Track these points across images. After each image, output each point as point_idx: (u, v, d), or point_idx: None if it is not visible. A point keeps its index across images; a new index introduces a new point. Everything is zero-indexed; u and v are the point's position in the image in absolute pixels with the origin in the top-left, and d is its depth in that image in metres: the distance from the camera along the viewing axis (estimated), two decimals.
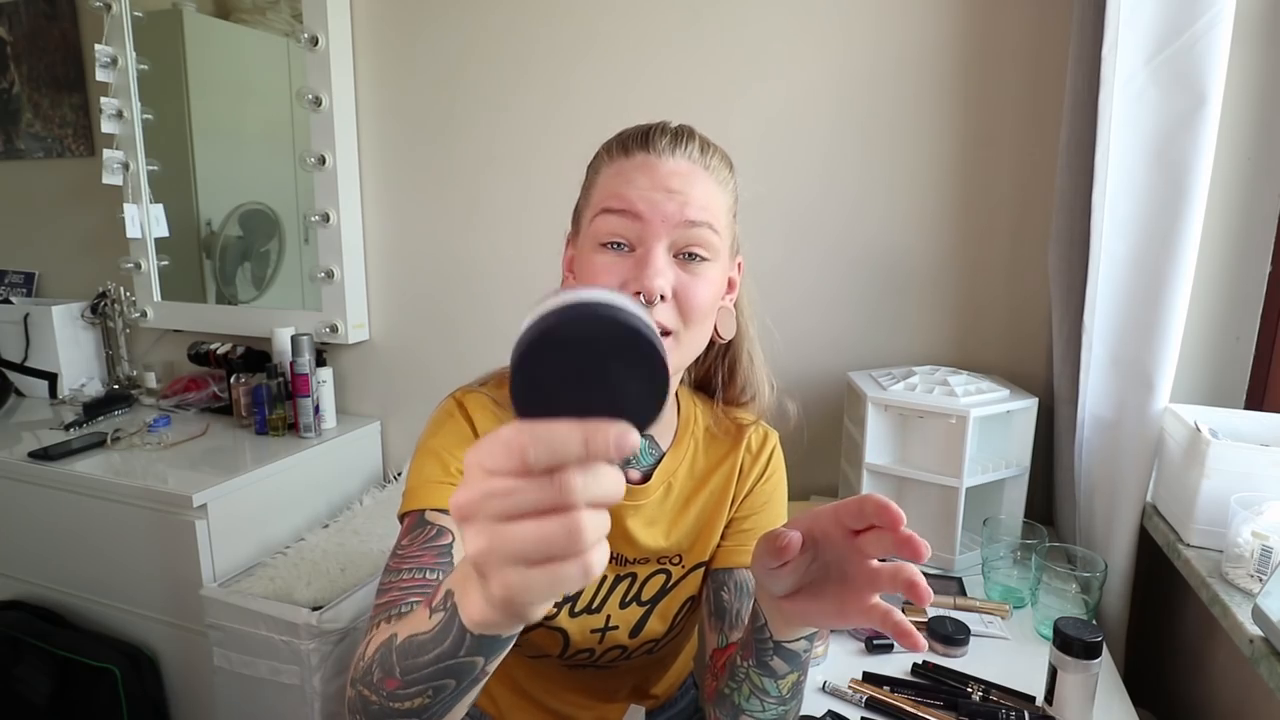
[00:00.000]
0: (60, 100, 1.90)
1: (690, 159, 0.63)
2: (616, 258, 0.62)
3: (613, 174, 0.64)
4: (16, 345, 1.85)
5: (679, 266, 0.62)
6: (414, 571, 0.57)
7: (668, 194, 0.61)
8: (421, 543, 0.60)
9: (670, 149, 0.63)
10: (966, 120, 1.21)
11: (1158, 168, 0.91)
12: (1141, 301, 0.94)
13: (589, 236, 0.64)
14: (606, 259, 0.62)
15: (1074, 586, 0.92)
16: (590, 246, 0.63)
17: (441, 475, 0.64)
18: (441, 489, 0.63)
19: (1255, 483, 0.83)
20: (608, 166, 0.65)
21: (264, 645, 1.21)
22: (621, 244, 0.62)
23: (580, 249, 0.66)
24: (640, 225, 0.61)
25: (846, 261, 1.31)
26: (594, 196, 0.65)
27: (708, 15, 1.31)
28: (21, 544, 1.49)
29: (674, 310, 0.62)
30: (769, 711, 0.61)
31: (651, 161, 0.62)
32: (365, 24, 1.55)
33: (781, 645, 0.57)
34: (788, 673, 0.59)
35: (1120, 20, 0.89)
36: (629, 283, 0.60)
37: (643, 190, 0.61)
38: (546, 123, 1.45)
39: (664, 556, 0.75)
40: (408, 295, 1.65)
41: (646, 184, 0.61)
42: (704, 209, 0.62)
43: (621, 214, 0.61)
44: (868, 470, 1.11)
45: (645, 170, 0.62)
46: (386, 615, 0.53)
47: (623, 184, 0.62)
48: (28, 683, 1.40)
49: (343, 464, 1.62)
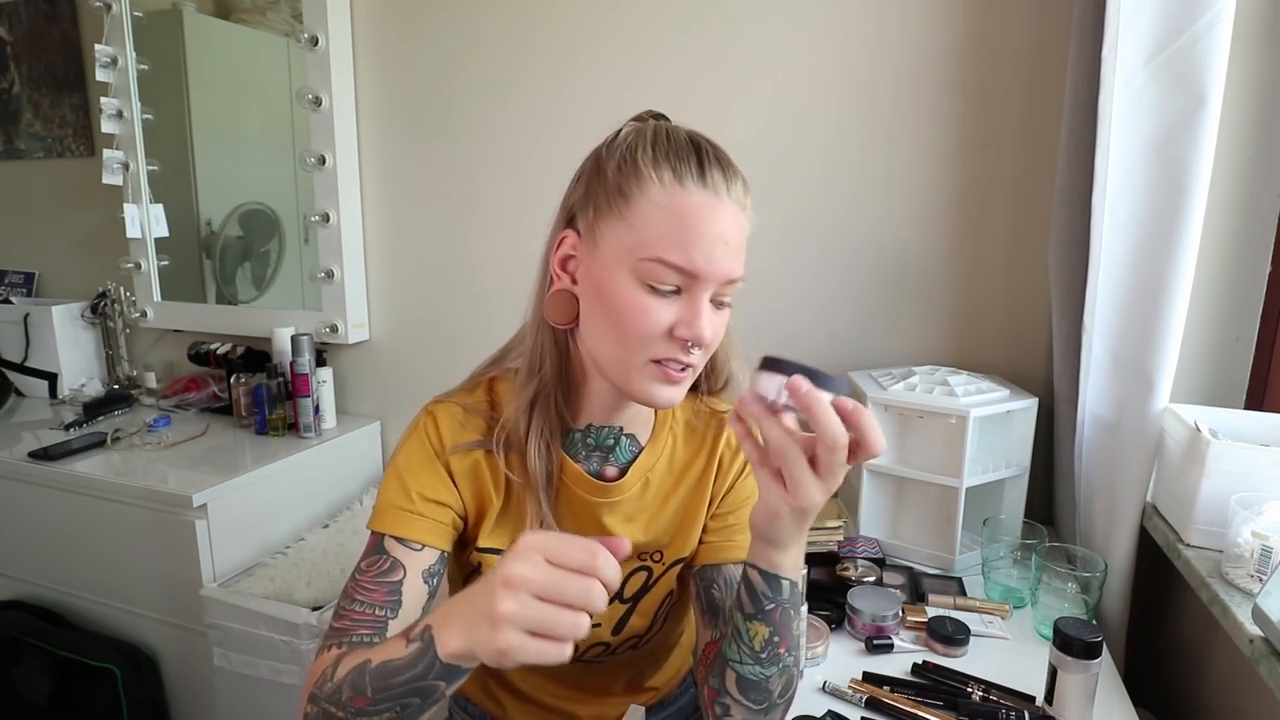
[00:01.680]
0: (60, 100, 1.91)
1: (737, 202, 0.61)
2: (664, 301, 0.61)
3: (669, 210, 0.59)
4: (16, 345, 1.85)
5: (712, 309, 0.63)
6: (365, 606, 0.63)
7: (725, 250, 0.60)
8: (375, 575, 0.64)
9: (726, 188, 0.61)
10: (966, 120, 1.21)
11: (1158, 168, 0.91)
12: (1141, 301, 0.94)
13: (630, 269, 0.60)
14: (656, 303, 0.60)
15: (1074, 586, 0.92)
16: (630, 280, 0.60)
17: (403, 501, 0.67)
18: (403, 517, 0.67)
19: (1255, 483, 0.83)
20: (657, 192, 0.60)
21: (264, 645, 1.21)
22: (668, 290, 0.61)
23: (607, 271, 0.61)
24: (694, 281, 0.60)
25: (846, 261, 1.31)
26: (638, 223, 0.60)
27: (707, 14, 1.31)
28: (21, 544, 1.49)
29: (702, 352, 0.63)
30: (746, 665, 0.61)
31: (710, 206, 0.60)
32: (365, 24, 1.56)
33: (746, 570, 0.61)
34: (753, 614, 0.60)
35: (1120, 20, 0.89)
36: (679, 327, 0.60)
37: (705, 249, 0.59)
38: (546, 122, 1.45)
39: (644, 553, 0.75)
40: (408, 295, 1.65)
41: (709, 239, 0.59)
42: (742, 260, 0.62)
43: (678, 270, 0.59)
44: (868, 470, 1.11)
45: (705, 218, 0.59)
46: (339, 641, 0.61)
47: (685, 236, 0.59)
48: (28, 683, 1.40)
49: (343, 464, 1.62)
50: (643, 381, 0.63)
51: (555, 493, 0.70)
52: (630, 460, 0.73)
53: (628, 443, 0.73)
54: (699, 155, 0.61)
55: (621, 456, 0.73)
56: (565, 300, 0.66)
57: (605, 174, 0.63)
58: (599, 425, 0.71)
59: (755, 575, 0.60)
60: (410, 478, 0.68)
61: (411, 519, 0.66)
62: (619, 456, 0.73)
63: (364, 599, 0.63)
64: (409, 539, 0.66)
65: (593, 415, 0.71)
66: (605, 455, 0.73)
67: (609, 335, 0.63)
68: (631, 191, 0.60)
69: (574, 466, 0.71)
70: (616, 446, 0.73)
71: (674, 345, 0.61)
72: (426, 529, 0.67)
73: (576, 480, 0.71)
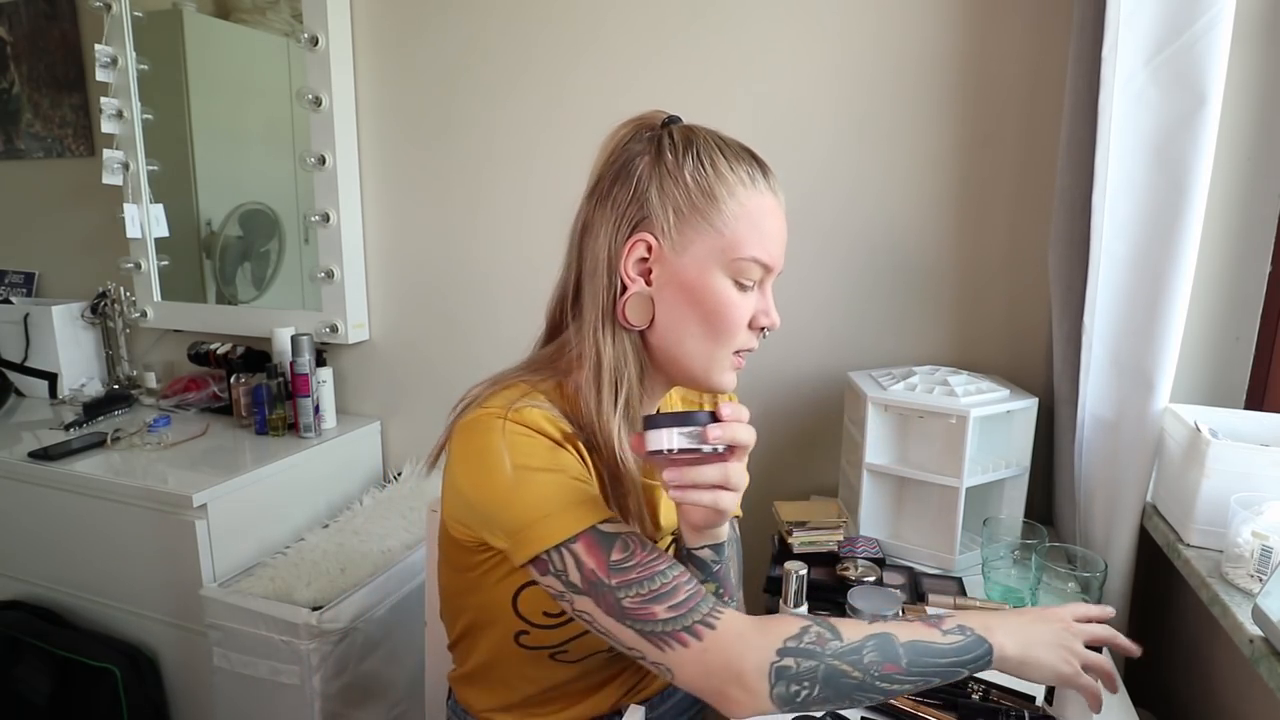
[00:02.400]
0: (60, 100, 1.90)
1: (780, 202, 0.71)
2: (746, 295, 0.68)
3: (753, 211, 0.67)
4: (16, 345, 1.85)
5: None
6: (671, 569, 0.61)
7: (784, 246, 0.70)
8: (644, 552, 0.62)
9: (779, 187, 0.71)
10: (966, 120, 1.21)
11: (1158, 168, 0.91)
12: (1141, 302, 0.94)
13: (723, 268, 0.67)
14: (743, 298, 0.68)
15: (1074, 586, 0.92)
16: (723, 279, 0.67)
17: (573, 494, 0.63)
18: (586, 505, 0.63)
19: (1255, 483, 0.83)
20: (745, 194, 0.67)
21: (264, 645, 1.21)
22: (752, 285, 0.69)
23: (697, 273, 0.66)
24: (768, 274, 0.70)
25: (846, 261, 1.31)
26: (728, 225, 0.66)
27: (708, 14, 1.31)
28: (21, 544, 1.49)
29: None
30: None
31: (777, 207, 0.69)
32: (365, 24, 1.56)
33: (691, 553, 0.70)
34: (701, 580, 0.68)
35: (1120, 20, 0.89)
36: (758, 317, 0.69)
37: (778, 244, 0.69)
38: (546, 122, 1.45)
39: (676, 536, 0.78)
40: (408, 295, 1.65)
41: (779, 235, 0.69)
42: None
43: (764, 266, 0.68)
44: (868, 470, 1.11)
45: (776, 216, 0.69)
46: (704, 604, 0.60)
47: (767, 234, 0.68)
48: (28, 683, 1.40)
49: (343, 464, 1.62)
50: (723, 372, 0.70)
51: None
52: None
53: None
54: (756, 159, 0.70)
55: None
56: (644, 303, 0.68)
57: (681, 179, 0.66)
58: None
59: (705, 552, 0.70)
60: (557, 469, 0.64)
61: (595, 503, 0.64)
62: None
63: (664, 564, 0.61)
64: (609, 518, 0.63)
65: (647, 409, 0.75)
66: None
67: (701, 332, 0.68)
68: (719, 194, 0.66)
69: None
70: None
71: (753, 335, 0.70)
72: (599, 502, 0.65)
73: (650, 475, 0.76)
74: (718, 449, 0.58)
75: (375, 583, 1.29)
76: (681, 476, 0.59)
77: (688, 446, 0.58)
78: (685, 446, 0.58)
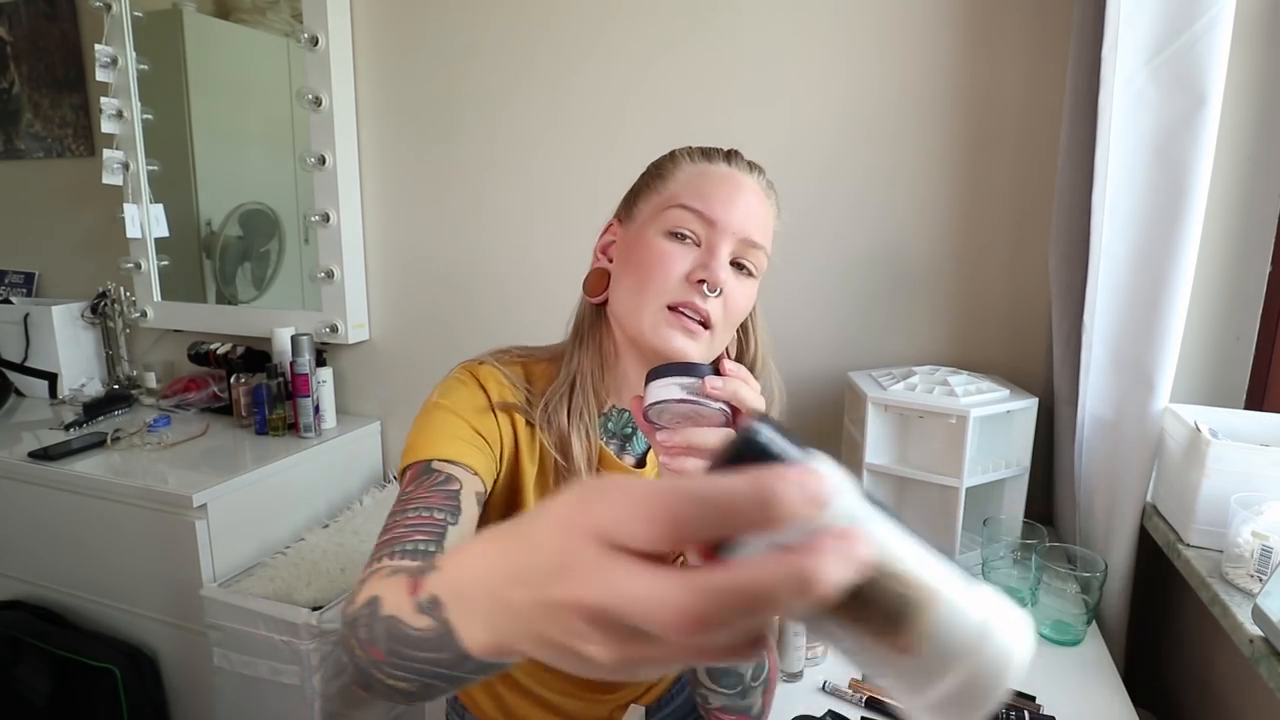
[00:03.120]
0: (60, 100, 1.90)
1: (761, 186, 0.68)
2: (683, 247, 0.65)
3: (695, 174, 0.67)
4: (16, 345, 1.85)
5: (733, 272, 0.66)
6: (420, 510, 0.57)
7: (745, 209, 0.65)
8: (429, 486, 0.60)
9: (749, 170, 0.69)
10: (967, 120, 1.21)
11: (1158, 168, 0.91)
12: (1141, 301, 0.94)
13: (656, 222, 0.66)
14: (674, 246, 0.65)
15: (1074, 586, 0.92)
16: (656, 232, 0.66)
17: (455, 429, 0.65)
18: (455, 442, 0.64)
19: (1255, 483, 0.83)
20: (688, 165, 0.68)
21: (264, 645, 1.21)
22: (688, 236, 0.65)
23: (638, 233, 0.68)
24: (711, 229, 0.65)
25: (847, 261, 1.31)
26: (669, 188, 0.68)
27: (709, 18, 1.31)
28: (21, 544, 1.49)
29: (722, 307, 0.65)
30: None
31: (734, 176, 0.67)
32: (365, 24, 1.55)
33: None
34: None
35: (1120, 20, 0.89)
36: (695, 270, 0.64)
37: (723, 199, 0.65)
38: (547, 123, 1.45)
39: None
40: (408, 295, 1.65)
41: (728, 193, 0.66)
42: (764, 231, 0.67)
43: (698, 214, 0.65)
44: (868, 470, 1.11)
45: (728, 181, 0.67)
46: (390, 551, 0.53)
47: (706, 187, 0.66)
48: (28, 683, 1.40)
49: (343, 464, 1.62)
50: (659, 329, 0.64)
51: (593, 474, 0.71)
52: (646, 450, 0.76)
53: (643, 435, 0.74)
54: (728, 149, 0.70)
55: (638, 447, 0.76)
56: (600, 275, 0.70)
57: (647, 171, 0.71)
58: (621, 408, 0.73)
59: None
60: (463, 414, 0.67)
61: (464, 445, 0.64)
62: (635, 447, 0.76)
63: (418, 504, 0.58)
64: (461, 461, 0.63)
65: (619, 397, 0.73)
66: (623, 443, 0.75)
67: (632, 286, 0.66)
68: (667, 171, 0.69)
69: (609, 454, 0.73)
70: (634, 435, 0.75)
71: (691, 289, 0.64)
72: (477, 458, 0.65)
73: (609, 465, 0.73)
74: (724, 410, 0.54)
75: None
76: (673, 438, 0.54)
77: (686, 398, 0.53)
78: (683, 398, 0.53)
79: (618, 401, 0.73)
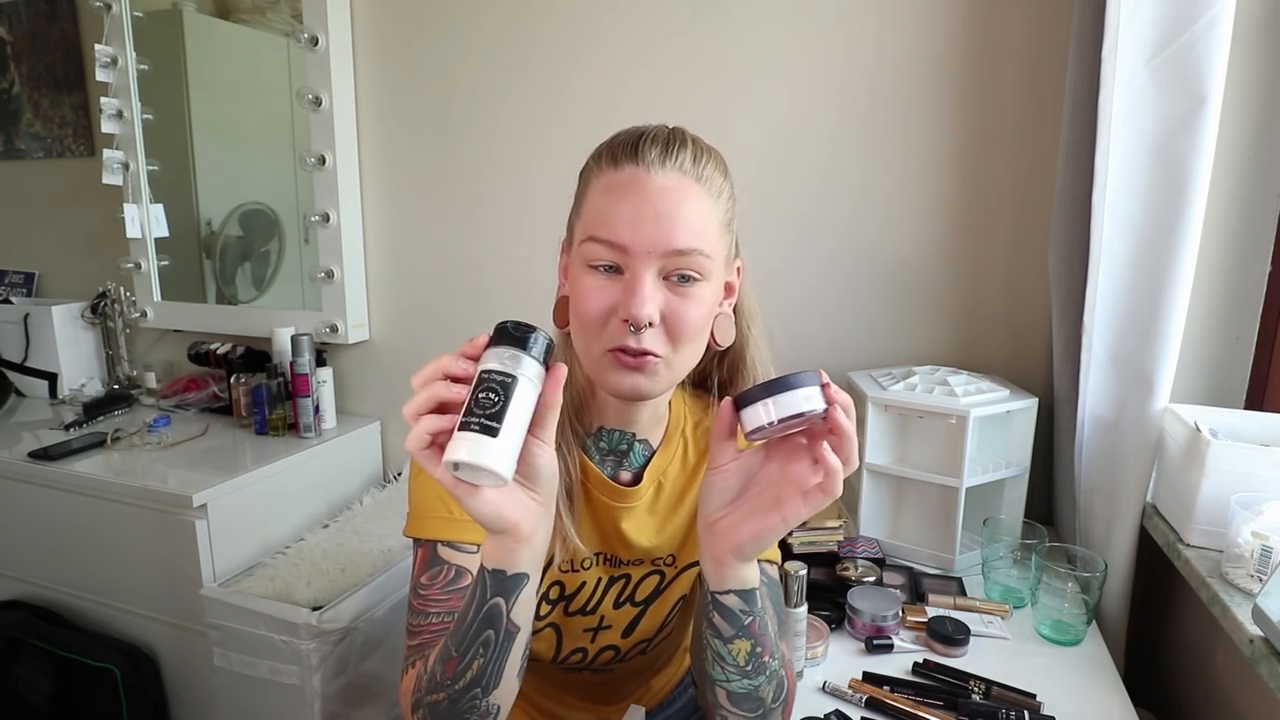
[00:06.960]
0: (60, 100, 1.90)
1: (681, 170, 0.60)
2: (605, 280, 0.60)
3: (601, 191, 0.61)
4: (16, 345, 1.85)
5: (670, 289, 0.60)
6: (442, 616, 0.61)
7: (655, 219, 0.58)
8: (442, 585, 0.62)
9: (660, 161, 0.60)
10: (967, 121, 1.21)
11: (1158, 168, 0.91)
12: (1141, 301, 0.94)
13: (579, 254, 0.62)
14: (596, 281, 0.60)
15: (1074, 586, 0.92)
16: (580, 267, 0.62)
17: (443, 510, 0.65)
18: (449, 523, 0.65)
19: (1255, 483, 0.83)
20: (597, 180, 0.62)
21: (264, 645, 1.21)
22: (611, 266, 0.60)
23: (572, 263, 0.64)
24: (626, 255, 0.59)
25: (847, 262, 1.31)
26: (584, 213, 0.63)
27: (707, 15, 1.31)
28: (21, 544, 1.49)
29: (662, 335, 0.60)
30: (733, 682, 0.61)
31: (640, 178, 0.59)
32: (365, 24, 1.55)
33: (717, 599, 0.59)
34: (733, 635, 0.59)
35: (1120, 20, 0.89)
36: (617, 309, 0.59)
37: (629, 219, 0.58)
38: (547, 122, 1.45)
39: (657, 558, 0.75)
40: (408, 295, 1.65)
41: (633, 209, 0.58)
42: (693, 232, 0.59)
43: (608, 244, 0.59)
44: (868, 470, 1.11)
45: (634, 190, 0.59)
46: (422, 655, 0.59)
47: (610, 209, 0.59)
48: (28, 683, 1.40)
49: (343, 464, 1.62)
50: (606, 376, 0.61)
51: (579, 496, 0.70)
52: (644, 465, 0.73)
53: (641, 448, 0.73)
54: (639, 138, 0.61)
55: (635, 461, 0.73)
56: (563, 304, 0.67)
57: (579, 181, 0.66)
58: (610, 429, 0.71)
59: (732, 599, 0.59)
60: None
61: (458, 524, 0.64)
62: (633, 462, 0.73)
63: (438, 609, 0.61)
64: (461, 542, 0.64)
65: (604, 418, 0.71)
66: (619, 460, 0.73)
67: (575, 327, 0.64)
68: (582, 188, 0.64)
69: (594, 470, 0.71)
70: (630, 452, 0.72)
71: (621, 330, 0.59)
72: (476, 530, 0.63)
73: (598, 484, 0.71)
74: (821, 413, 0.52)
75: (375, 583, 1.29)
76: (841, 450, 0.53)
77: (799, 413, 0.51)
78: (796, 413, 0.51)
79: (604, 422, 0.71)
